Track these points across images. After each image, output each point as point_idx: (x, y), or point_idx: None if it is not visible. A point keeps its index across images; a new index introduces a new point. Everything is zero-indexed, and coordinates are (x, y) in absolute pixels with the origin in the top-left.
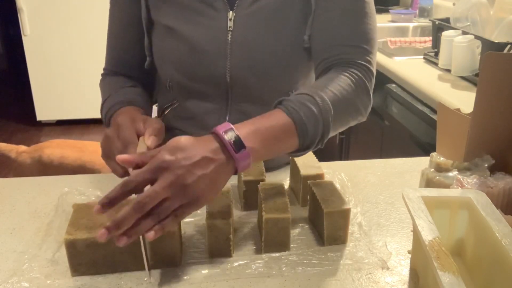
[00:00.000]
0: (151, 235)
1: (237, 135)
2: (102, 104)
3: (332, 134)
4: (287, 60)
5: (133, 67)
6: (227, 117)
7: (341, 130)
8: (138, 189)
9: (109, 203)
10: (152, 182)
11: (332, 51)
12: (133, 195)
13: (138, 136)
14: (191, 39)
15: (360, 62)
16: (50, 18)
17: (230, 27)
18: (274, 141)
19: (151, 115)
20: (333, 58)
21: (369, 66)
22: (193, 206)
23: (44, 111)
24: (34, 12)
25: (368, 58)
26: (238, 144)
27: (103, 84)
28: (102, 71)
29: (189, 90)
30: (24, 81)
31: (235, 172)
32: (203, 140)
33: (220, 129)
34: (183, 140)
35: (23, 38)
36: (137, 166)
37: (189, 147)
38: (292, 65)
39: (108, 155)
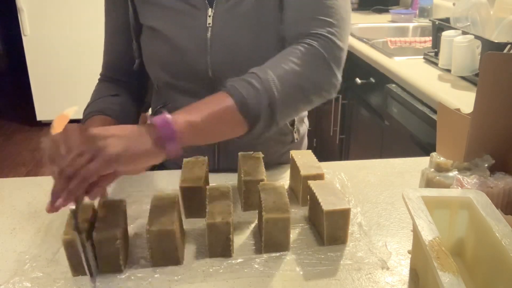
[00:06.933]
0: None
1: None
2: (84, 110)
3: (291, 112)
4: (267, 54)
5: (126, 73)
6: None
7: (303, 107)
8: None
9: (56, 196)
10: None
11: (295, 27)
12: None
13: None
14: (173, 38)
15: (319, 32)
16: (50, 18)
17: (209, 23)
18: (211, 114)
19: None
20: (294, 33)
21: (331, 37)
22: (98, 160)
23: (44, 111)
24: (34, 12)
25: (331, 30)
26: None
27: (94, 90)
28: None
29: (176, 89)
30: (24, 81)
31: (164, 148)
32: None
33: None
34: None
35: (23, 38)
36: None
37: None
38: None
39: (53, 159)
